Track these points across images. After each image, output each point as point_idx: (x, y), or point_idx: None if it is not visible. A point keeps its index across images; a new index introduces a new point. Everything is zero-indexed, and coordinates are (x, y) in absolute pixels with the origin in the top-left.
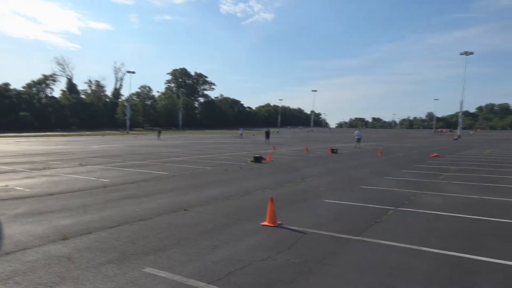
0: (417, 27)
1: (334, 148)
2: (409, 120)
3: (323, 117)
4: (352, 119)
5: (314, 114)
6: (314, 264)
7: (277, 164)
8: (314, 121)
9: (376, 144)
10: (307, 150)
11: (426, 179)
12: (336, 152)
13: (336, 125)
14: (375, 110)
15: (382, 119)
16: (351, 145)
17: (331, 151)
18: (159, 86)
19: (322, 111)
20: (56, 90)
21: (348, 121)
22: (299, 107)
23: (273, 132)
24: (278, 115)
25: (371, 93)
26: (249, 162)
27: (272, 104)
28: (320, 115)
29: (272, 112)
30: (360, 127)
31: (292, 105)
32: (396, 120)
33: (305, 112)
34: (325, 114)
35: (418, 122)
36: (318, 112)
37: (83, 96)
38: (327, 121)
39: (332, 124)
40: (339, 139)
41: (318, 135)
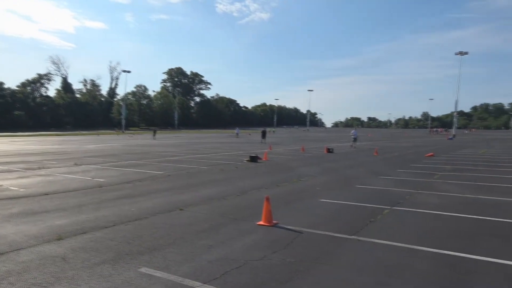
0: (412, 27)
1: (330, 148)
2: (404, 119)
3: (319, 116)
4: (348, 119)
5: (310, 114)
6: (309, 264)
7: (273, 163)
8: (310, 120)
9: (371, 143)
10: (303, 149)
11: (422, 179)
12: (332, 151)
13: (332, 124)
14: (371, 109)
15: (378, 119)
16: (347, 144)
17: (327, 150)
18: (154, 85)
19: (318, 110)
20: (51, 89)
21: (344, 120)
22: (295, 107)
23: (269, 132)
24: (274, 115)
25: (367, 93)
26: (245, 162)
27: (268, 104)
28: (316, 114)
29: (268, 112)
30: (356, 127)
31: (288, 104)
32: (391, 119)
33: (301, 112)
34: (321, 114)
35: (413, 122)
36: (314, 111)
37: (78, 96)
38: (323, 120)
39: (328, 124)
40: (335, 139)
41: (314, 135)
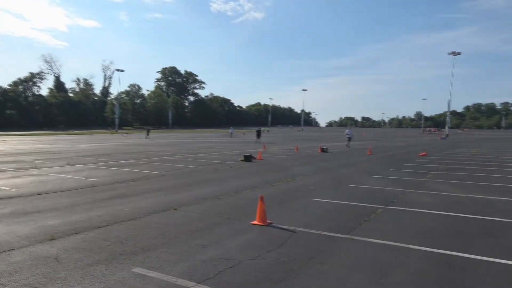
0: (406, 27)
1: (324, 147)
2: (398, 119)
3: (313, 116)
4: (342, 119)
5: (304, 113)
6: (303, 263)
7: (267, 163)
8: (305, 120)
9: (365, 143)
10: (297, 149)
11: (415, 178)
12: (326, 151)
13: (326, 124)
14: (365, 109)
15: (372, 118)
16: (341, 144)
17: (321, 150)
18: (148, 84)
19: (312, 110)
20: (44, 88)
21: (338, 120)
22: (290, 106)
23: (263, 131)
24: (269, 114)
25: (361, 92)
26: (239, 161)
27: (263, 103)
28: (310, 114)
29: (263, 111)
30: (350, 126)
31: (283, 104)
32: (385, 119)
33: (295, 111)
34: (315, 113)
35: (406, 122)
36: (308, 111)
37: (71, 95)
38: (317, 120)
39: (322, 123)
40: (329, 138)
41: (308, 134)
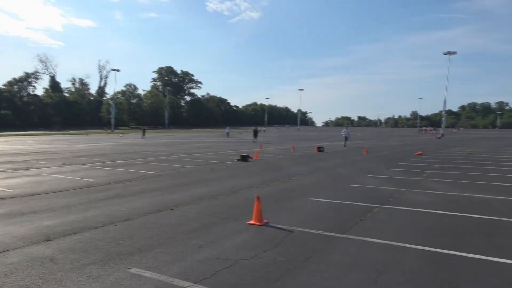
0: (401, 27)
1: (320, 147)
2: (394, 118)
3: (309, 115)
4: (339, 118)
5: (300, 113)
6: (300, 262)
7: (263, 162)
8: (301, 119)
9: (361, 142)
10: (294, 148)
11: (411, 177)
12: (323, 150)
13: (322, 124)
14: (361, 109)
15: (368, 118)
16: (338, 143)
17: (318, 149)
18: (144, 84)
19: (309, 110)
20: (39, 88)
21: (334, 120)
22: (286, 106)
23: (260, 131)
24: (265, 114)
25: (357, 92)
26: (235, 161)
27: (259, 103)
28: (307, 114)
29: (259, 111)
30: (347, 126)
31: (279, 104)
32: (381, 118)
33: (291, 111)
34: (311, 113)
35: (402, 121)
36: (304, 111)
37: (66, 95)
38: (313, 120)
39: (319, 123)
40: (326, 138)
41: (304, 134)
